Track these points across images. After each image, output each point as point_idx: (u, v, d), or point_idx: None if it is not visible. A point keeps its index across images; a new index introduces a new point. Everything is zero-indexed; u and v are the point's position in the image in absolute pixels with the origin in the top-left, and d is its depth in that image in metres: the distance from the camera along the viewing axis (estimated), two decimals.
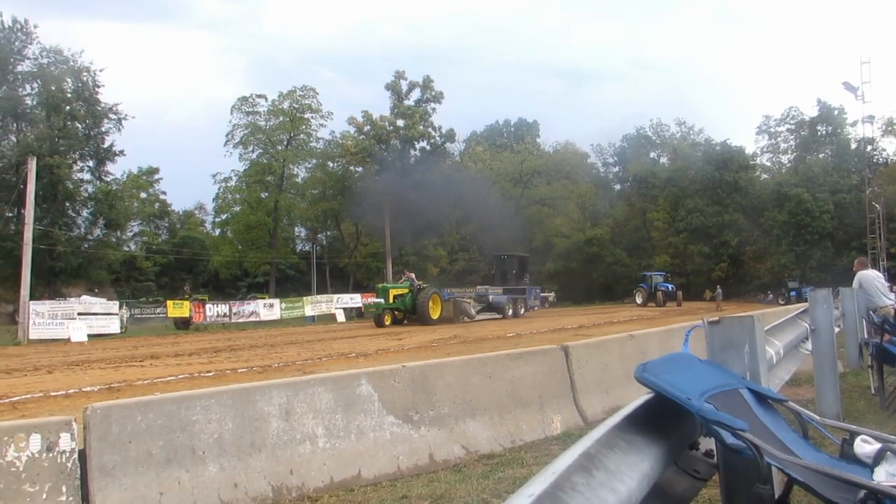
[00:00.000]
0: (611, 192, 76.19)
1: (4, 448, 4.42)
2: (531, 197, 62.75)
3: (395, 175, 51.77)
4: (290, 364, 15.58)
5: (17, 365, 17.11)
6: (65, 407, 10.00)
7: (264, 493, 5.20)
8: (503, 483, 5.42)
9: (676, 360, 2.16)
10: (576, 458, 1.43)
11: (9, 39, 38.24)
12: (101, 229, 44.31)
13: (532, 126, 77.40)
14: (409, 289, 32.35)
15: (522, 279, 40.58)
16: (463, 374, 6.87)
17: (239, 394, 5.52)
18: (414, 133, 54.38)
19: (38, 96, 39.50)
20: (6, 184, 36.84)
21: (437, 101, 55.92)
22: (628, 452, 1.70)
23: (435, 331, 26.38)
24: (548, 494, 1.24)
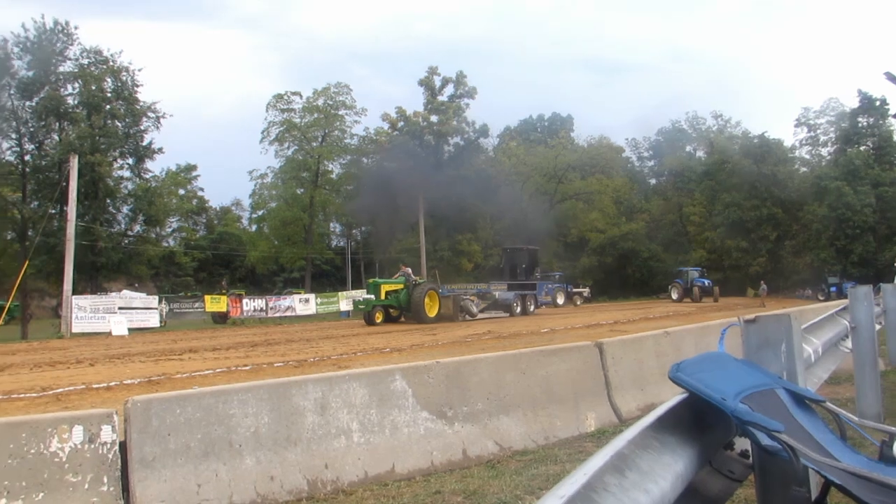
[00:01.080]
0: (646, 187, 75.48)
1: (48, 439, 4.52)
2: (565, 192, 62.42)
3: (430, 171, 51.83)
4: (325, 359, 15.69)
5: (60, 358, 17.46)
6: (106, 399, 10.19)
7: (299, 487, 5.25)
8: (536, 480, 5.41)
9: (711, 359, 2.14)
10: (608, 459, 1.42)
11: (51, 41, 38.92)
12: (140, 225, 44.99)
13: (566, 120, 76.94)
14: (404, 284, 30.60)
15: (533, 274, 38.85)
16: (497, 371, 6.86)
17: (275, 388, 5.58)
18: (447, 129, 54.42)
19: (79, 96, 40.16)
20: (49, 181, 37.56)
21: (471, 96, 55.92)
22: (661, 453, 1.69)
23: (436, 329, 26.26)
24: (580, 495, 1.24)
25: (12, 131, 39.01)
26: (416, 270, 48.60)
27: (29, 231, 37.20)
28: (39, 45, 38.32)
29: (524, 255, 39.70)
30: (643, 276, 63.60)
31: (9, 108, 38.58)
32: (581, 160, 63.46)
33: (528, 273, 38.38)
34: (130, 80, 41.42)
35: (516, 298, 34.52)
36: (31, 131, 39.44)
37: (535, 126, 78.68)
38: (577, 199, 62.81)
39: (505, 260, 41.21)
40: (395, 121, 55.69)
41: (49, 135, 40.10)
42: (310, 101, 55.76)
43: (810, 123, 67.46)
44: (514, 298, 34.43)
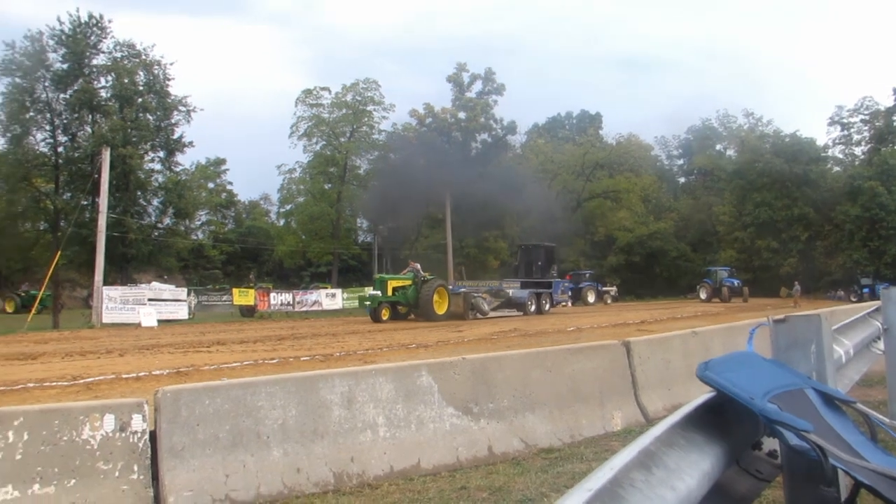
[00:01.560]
0: (675, 185, 74.88)
1: (80, 427, 4.61)
2: (593, 190, 62.09)
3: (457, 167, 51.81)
4: (351, 353, 15.78)
5: (90, 347, 17.74)
6: (135, 389, 10.33)
7: (326, 479, 5.30)
8: (562, 478, 5.41)
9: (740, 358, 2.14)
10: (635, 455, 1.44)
11: (85, 34, 39.40)
12: (170, 218, 45.46)
13: (595, 118, 76.53)
14: (413, 280, 29.72)
15: (549, 271, 37.42)
16: (523, 368, 6.87)
17: (302, 381, 5.64)
18: (475, 125, 54.38)
19: (111, 89, 40.62)
20: (82, 173, 38.07)
21: (499, 93, 55.80)
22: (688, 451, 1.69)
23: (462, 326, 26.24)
24: (606, 490, 1.26)
25: (46, 123, 39.59)
26: (442, 267, 48.71)
27: (61, 222, 37.73)
28: (74, 39, 38.81)
29: (540, 253, 38.58)
30: (671, 276, 63.12)
31: (43, 101, 39.15)
32: (609, 158, 63.08)
33: (545, 271, 37.28)
34: (162, 74, 41.85)
35: (530, 297, 33.74)
36: (64, 123, 39.98)
37: (563, 123, 78.36)
38: (605, 197, 62.44)
39: (520, 257, 40.05)
40: (422, 117, 55.73)
41: (82, 127, 40.61)
42: (338, 97, 55.98)
43: (844, 122, 66.38)
44: (529, 297, 33.62)
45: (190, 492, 4.78)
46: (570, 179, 61.10)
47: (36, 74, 38.35)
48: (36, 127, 39.55)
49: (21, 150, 38.59)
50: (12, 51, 37.65)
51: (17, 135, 38.74)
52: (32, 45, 38.07)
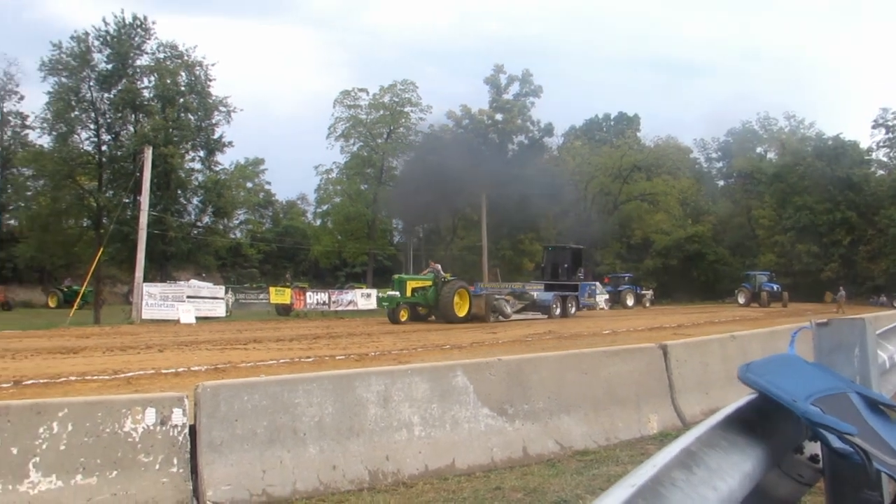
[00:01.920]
0: (714, 188, 74.00)
1: (123, 419, 4.69)
2: (630, 192, 61.60)
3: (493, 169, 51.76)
4: (386, 353, 15.85)
5: (131, 343, 18.02)
6: (174, 384, 10.48)
7: (361, 477, 5.34)
8: (597, 480, 5.39)
9: (782, 361, 2.12)
10: (676, 454, 1.44)
11: (129, 35, 40.10)
12: (209, 217, 46.04)
13: (632, 120, 75.95)
14: (433, 282, 29.09)
15: (575, 274, 36.82)
16: (558, 370, 6.85)
17: (339, 379, 5.69)
18: (512, 127, 54.30)
19: (154, 89, 41.25)
20: (124, 171, 38.72)
21: (536, 94, 55.66)
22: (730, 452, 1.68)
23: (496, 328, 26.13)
24: (648, 487, 1.26)
25: (91, 122, 40.39)
26: (477, 269, 48.67)
27: (104, 219, 38.42)
28: (119, 40, 39.53)
29: (567, 255, 38.05)
30: (709, 280, 62.38)
31: (88, 100, 39.94)
32: (647, 160, 62.53)
33: (571, 273, 36.69)
34: (204, 75, 42.40)
35: (556, 299, 33.07)
36: (108, 122, 40.72)
37: (600, 125, 77.89)
38: (642, 199, 61.93)
39: (546, 259, 39.57)
40: (459, 118, 55.77)
41: (125, 126, 41.33)
42: (376, 98, 56.26)
43: (888, 125, 64.97)
44: (554, 299, 32.99)
45: (228, 486, 4.85)
46: (606, 182, 60.69)
47: (81, 74, 39.13)
48: (81, 126, 40.38)
49: (66, 148, 39.41)
50: (59, 51, 38.50)
51: (62, 133, 39.58)
52: (78, 46, 38.86)
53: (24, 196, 45.68)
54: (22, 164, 45.56)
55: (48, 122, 39.89)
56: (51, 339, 19.40)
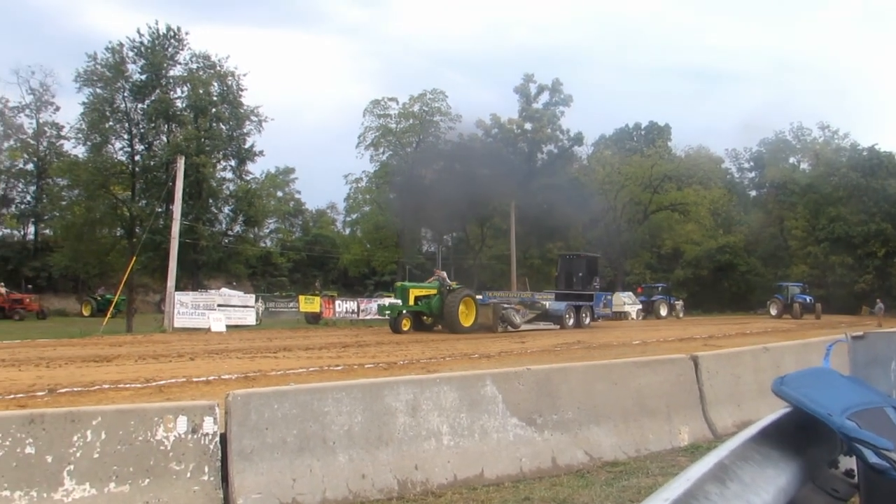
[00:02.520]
0: (745, 199, 73.22)
1: (155, 427, 4.74)
2: (660, 202, 61.12)
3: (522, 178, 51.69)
4: (414, 362, 15.87)
5: (162, 351, 18.21)
6: (205, 392, 10.57)
7: (390, 486, 5.34)
8: (627, 492, 5.34)
9: (817, 374, 2.09)
10: (710, 468, 1.42)
11: (163, 46, 40.66)
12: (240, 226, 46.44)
13: (663, 129, 75.43)
14: (438, 290, 28.31)
15: (591, 283, 35.56)
16: (588, 380, 6.82)
17: (368, 388, 5.71)
18: (542, 136, 54.21)
19: (187, 99, 41.69)
20: (157, 181, 39.18)
21: (566, 104, 55.60)
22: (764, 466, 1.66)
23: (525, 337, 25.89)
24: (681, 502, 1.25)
25: (125, 132, 40.93)
26: (506, 278, 48.54)
27: (137, 228, 38.91)
28: (152, 50, 40.09)
29: (582, 263, 36.74)
30: (740, 291, 61.67)
31: (122, 111, 40.52)
32: (678, 170, 62.03)
33: (586, 283, 35.43)
34: (235, 85, 42.81)
35: (568, 309, 32.23)
36: (141, 132, 41.25)
37: (630, 135, 77.48)
38: (673, 209, 61.41)
39: (560, 267, 38.19)
40: (489, 127, 55.79)
41: (158, 136, 41.81)
42: (405, 107, 56.49)
43: None
44: (567, 309, 32.13)
45: (258, 494, 4.88)
46: (636, 191, 60.29)
47: (116, 85, 39.71)
48: (115, 136, 40.93)
49: (101, 158, 39.97)
50: (94, 62, 39.13)
51: (97, 143, 40.16)
52: (113, 57, 39.46)
53: (59, 206, 46.41)
54: (57, 175, 46.29)
55: (83, 133, 40.52)
56: (84, 348, 19.65)
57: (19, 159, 51.82)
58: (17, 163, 51.83)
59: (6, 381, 11.83)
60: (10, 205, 52.61)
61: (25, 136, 51.85)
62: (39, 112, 51.64)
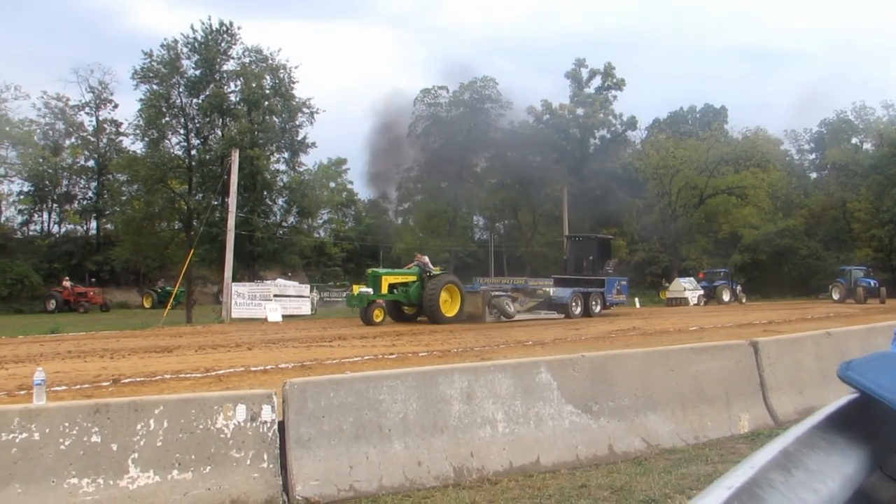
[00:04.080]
0: (806, 181, 71.33)
1: (215, 416, 4.84)
2: (717, 186, 59.87)
3: (575, 164, 51.22)
4: (468, 350, 15.90)
5: (221, 341, 18.56)
6: (263, 381, 10.74)
7: (446, 473, 5.36)
8: (686, 479, 5.27)
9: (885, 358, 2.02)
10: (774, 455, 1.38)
11: (216, 41, 41.26)
12: (294, 217, 47.03)
13: (719, 112, 73.87)
14: (418, 277, 26.03)
15: (603, 268, 32.65)
16: (644, 367, 6.74)
17: (423, 376, 5.73)
18: (594, 121, 53.57)
19: (240, 93, 42.25)
20: (212, 174, 39.86)
21: (619, 88, 54.80)
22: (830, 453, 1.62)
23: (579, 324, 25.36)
24: (745, 489, 1.22)
25: (181, 127, 41.72)
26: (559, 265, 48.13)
27: (194, 221, 39.65)
28: (206, 46, 40.72)
29: (592, 246, 33.78)
30: (801, 275, 60.18)
31: (178, 106, 41.29)
32: (735, 153, 60.68)
33: (597, 267, 32.57)
34: (287, 78, 43.20)
35: (574, 297, 29.47)
36: (197, 127, 41.99)
37: (685, 118, 76.10)
38: (730, 193, 60.15)
39: (569, 251, 35.09)
40: (540, 114, 55.36)
41: (213, 130, 42.48)
42: (456, 95, 56.35)
43: None
44: (572, 297, 29.36)
45: (316, 481, 4.95)
46: (692, 175, 59.17)
47: (171, 81, 40.46)
48: (171, 131, 41.74)
49: (158, 153, 40.81)
50: (150, 60, 39.95)
51: (154, 139, 41.03)
52: (168, 54, 40.21)
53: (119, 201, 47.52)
54: (117, 170, 47.37)
55: (141, 129, 41.41)
56: (146, 339, 20.15)
57: (80, 156, 53.16)
58: (78, 160, 53.17)
59: (72, 371, 12.21)
60: (72, 201, 54.03)
61: (86, 134, 53.13)
62: (99, 110, 52.90)
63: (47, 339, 20.53)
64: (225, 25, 41.44)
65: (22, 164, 46.23)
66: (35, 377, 7.67)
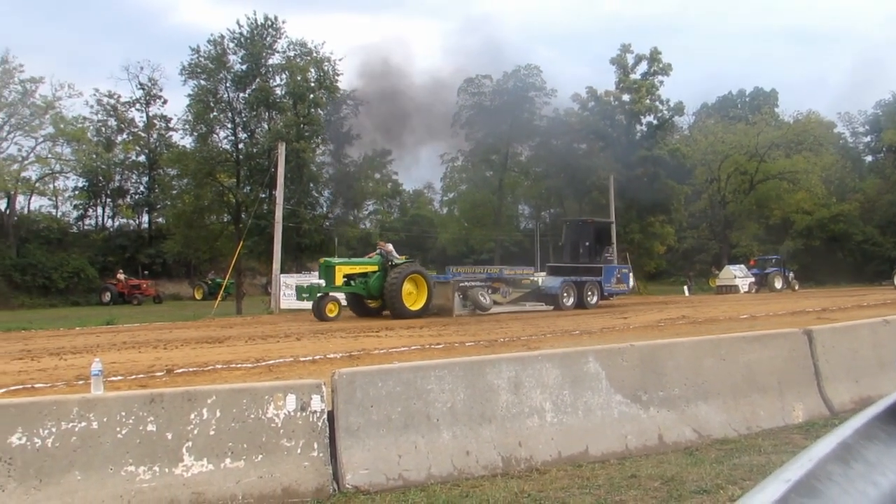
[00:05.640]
0: (861, 165, 69.49)
1: (266, 406, 4.92)
2: (767, 171, 58.65)
3: (621, 151, 50.67)
4: (515, 339, 15.88)
5: (270, 332, 18.81)
6: (312, 371, 10.87)
7: (494, 463, 5.37)
8: (739, 470, 5.19)
9: None
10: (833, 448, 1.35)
11: (261, 36, 41.72)
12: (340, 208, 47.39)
13: (769, 95, 72.31)
14: (380, 266, 23.75)
15: (601, 255, 30.24)
16: (694, 356, 6.66)
17: (470, 366, 5.74)
18: (640, 107, 52.81)
19: (286, 87, 42.69)
20: (260, 167, 40.39)
21: (665, 73, 53.84)
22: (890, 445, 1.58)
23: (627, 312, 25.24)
24: (803, 482, 1.19)
25: (228, 121, 42.32)
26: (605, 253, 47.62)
27: (242, 214, 40.24)
28: (252, 41, 41.18)
29: (589, 231, 30.99)
30: (856, 262, 58.69)
31: (225, 101, 41.86)
32: (786, 137, 59.35)
33: (594, 253, 30.01)
34: (332, 70, 43.46)
35: (565, 287, 27.00)
36: (244, 121, 42.51)
37: (734, 102, 74.69)
38: (781, 178, 58.91)
39: (565, 236, 32.53)
40: (585, 101, 54.81)
41: (259, 124, 42.97)
42: (500, 84, 56.10)
43: None
44: (562, 287, 26.89)
45: (366, 470, 4.99)
46: (741, 161, 58.08)
47: (219, 76, 41.02)
48: (219, 125, 42.35)
49: (206, 147, 41.45)
50: (197, 55, 40.54)
51: (202, 134, 41.68)
52: (215, 49, 40.76)
53: (169, 195, 48.42)
54: (167, 165, 48.26)
55: (189, 124, 42.12)
56: (198, 330, 20.51)
57: (132, 152, 54.26)
58: (130, 155, 54.29)
59: (127, 362, 12.50)
60: (125, 195, 55.20)
61: (137, 130, 54.22)
62: (149, 106, 53.91)
63: (103, 331, 21.05)
64: (270, 20, 41.84)
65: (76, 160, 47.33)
66: (92, 367, 7.88)
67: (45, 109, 42.37)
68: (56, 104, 43.24)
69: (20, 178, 41.91)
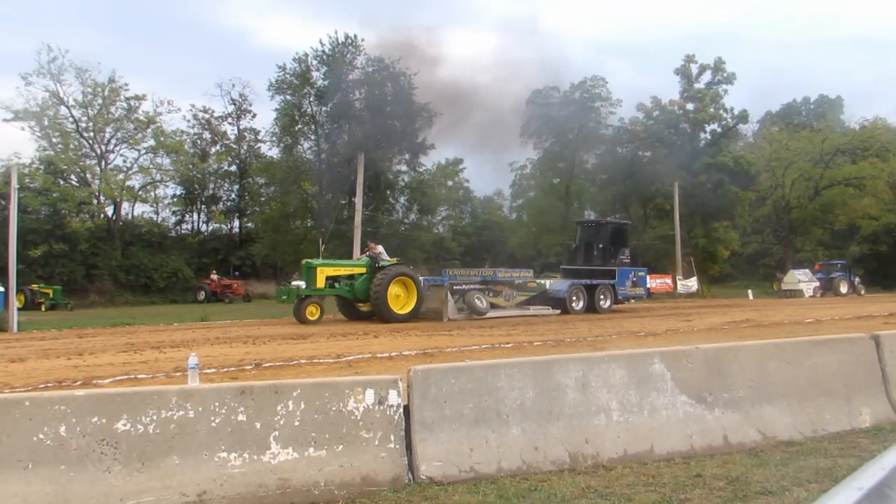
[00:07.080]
0: None
1: (346, 399, 4.98)
2: (833, 177, 56.53)
3: (685, 158, 49.65)
4: (581, 339, 15.70)
5: (350, 330, 19.03)
6: (388, 367, 10.97)
7: (562, 458, 5.32)
8: (805, 472, 5.01)
9: None
10: None
11: (342, 53, 42.47)
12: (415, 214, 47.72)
13: (835, 103, 69.74)
14: (368, 268, 22.25)
15: (617, 257, 27.72)
16: (759, 359, 6.46)
17: (539, 365, 5.70)
18: (704, 116, 51.67)
19: (364, 100, 43.33)
20: (340, 176, 41.07)
21: (729, 81, 52.54)
22: None
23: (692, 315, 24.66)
24: (875, 491, 1.14)
25: (311, 133, 43.20)
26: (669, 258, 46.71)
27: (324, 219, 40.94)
28: (333, 58, 41.94)
29: (605, 232, 28.75)
30: None
31: (309, 114, 42.76)
32: (852, 143, 57.10)
33: (608, 256, 27.71)
34: (407, 84, 43.91)
35: (573, 290, 25.32)
36: (326, 133, 43.33)
37: (799, 110, 72.28)
38: (847, 184, 56.66)
39: (579, 238, 30.10)
40: (650, 110, 53.91)
41: (340, 135, 43.71)
42: (567, 95, 55.66)
43: None
44: (571, 290, 25.23)
45: (439, 462, 5.00)
46: (806, 167, 56.16)
47: (303, 91, 41.89)
48: (303, 137, 43.26)
49: (292, 157, 42.40)
50: (283, 72, 41.49)
51: (288, 145, 42.68)
52: (300, 66, 41.64)
53: (258, 202, 49.61)
54: (256, 174, 49.48)
55: (276, 136, 43.18)
56: (283, 328, 20.84)
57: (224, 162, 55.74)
58: (222, 165, 55.77)
59: (220, 356, 12.85)
60: (218, 202, 56.67)
61: (229, 142, 55.68)
62: (239, 119, 55.28)
63: (198, 327, 21.68)
64: (350, 38, 42.53)
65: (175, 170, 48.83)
66: (189, 361, 8.12)
67: (147, 124, 43.91)
68: (157, 119, 44.76)
69: (125, 186, 43.46)
